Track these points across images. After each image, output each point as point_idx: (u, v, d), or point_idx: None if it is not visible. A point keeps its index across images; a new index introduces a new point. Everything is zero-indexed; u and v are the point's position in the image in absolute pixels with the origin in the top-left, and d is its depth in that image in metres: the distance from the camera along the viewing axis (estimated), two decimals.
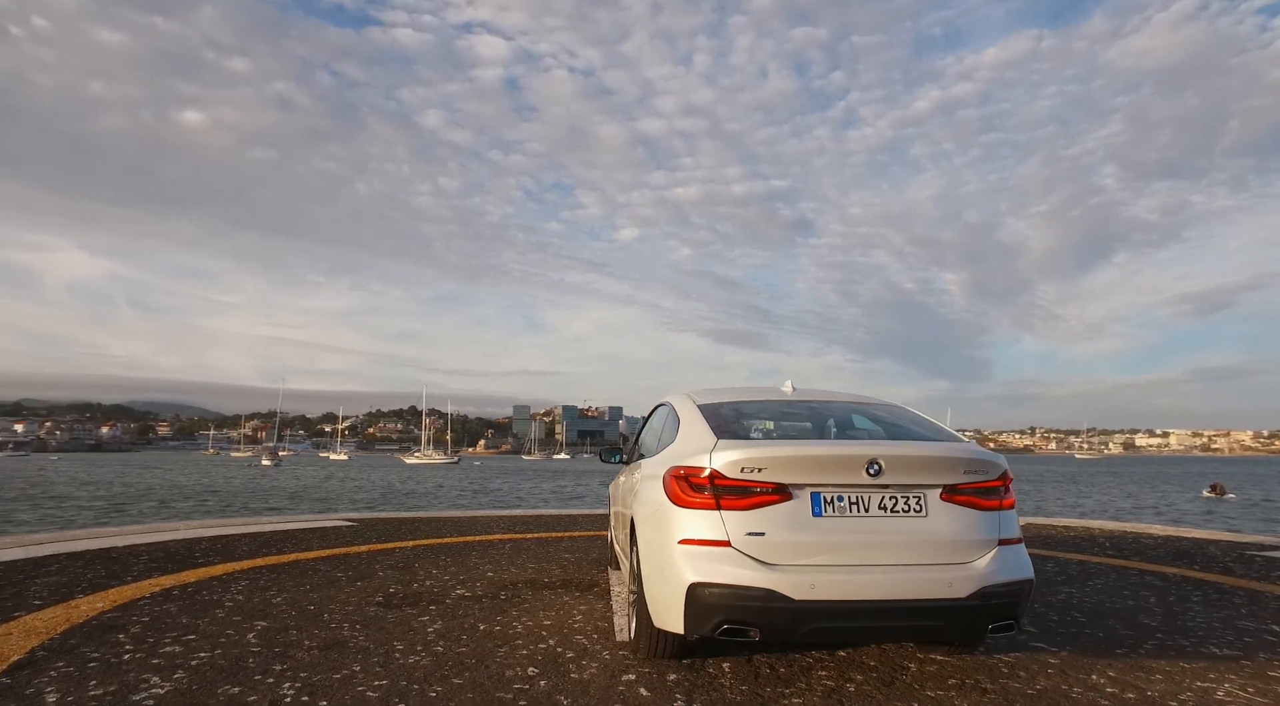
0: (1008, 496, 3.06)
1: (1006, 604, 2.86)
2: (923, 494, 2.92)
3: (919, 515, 2.89)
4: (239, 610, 4.20)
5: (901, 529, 2.86)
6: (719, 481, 2.87)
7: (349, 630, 3.78)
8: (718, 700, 2.79)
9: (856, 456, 2.88)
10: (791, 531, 2.81)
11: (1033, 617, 4.27)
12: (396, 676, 3.04)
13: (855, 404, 3.80)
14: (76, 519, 23.60)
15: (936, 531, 2.87)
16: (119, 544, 6.80)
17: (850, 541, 2.82)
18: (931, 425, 3.45)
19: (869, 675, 3.13)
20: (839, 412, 3.73)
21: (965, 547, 2.88)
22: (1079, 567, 6.23)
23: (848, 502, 2.87)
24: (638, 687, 2.92)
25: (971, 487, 2.96)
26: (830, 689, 2.94)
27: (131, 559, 5.98)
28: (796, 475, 2.87)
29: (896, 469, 2.89)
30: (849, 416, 3.67)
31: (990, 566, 2.87)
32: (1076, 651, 3.57)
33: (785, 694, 2.88)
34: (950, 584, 2.79)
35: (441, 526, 8.78)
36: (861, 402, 3.83)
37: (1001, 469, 3.04)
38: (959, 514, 2.92)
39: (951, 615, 2.81)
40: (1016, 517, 3.10)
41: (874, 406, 3.74)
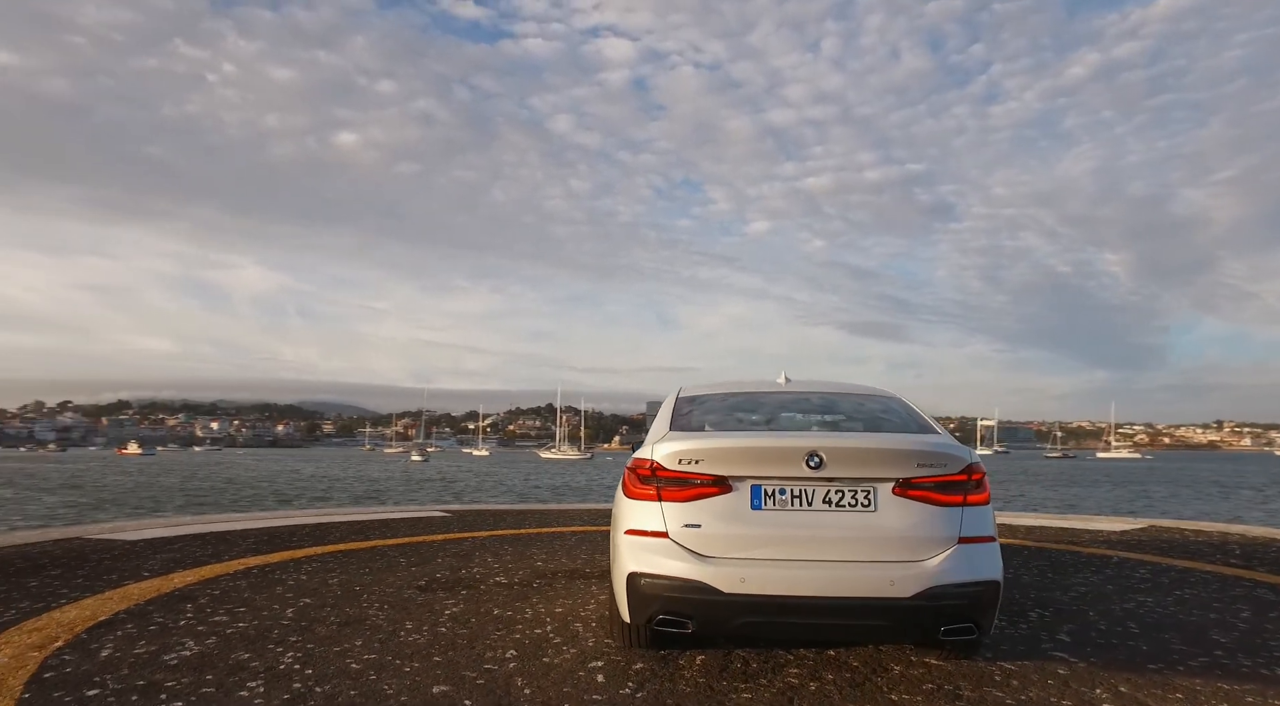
0: (975, 492, 2.86)
1: (961, 606, 2.69)
2: (872, 488, 2.80)
3: (867, 510, 2.77)
4: (296, 588, 4.66)
5: (847, 524, 2.76)
6: (660, 473, 2.89)
7: (375, 609, 4.11)
8: (667, 690, 2.82)
9: (795, 448, 2.81)
10: (728, 524, 2.79)
11: (1080, 625, 3.93)
12: (387, 652, 3.29)
13: (843, 395, 3.67)
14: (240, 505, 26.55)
15: (886, 527, 2.75)
16: (237, 528, 7.66)
17: (790, 535, 2.76)
18: (916, 418, 3.27)
19: (842, 675, 3.04)
20: (820, 404, 3.61)
21: (917, 545, 2.74)
22: (1178, 575, 5.62)
23: (790, 496, 2.81)
24: (597, 674, 3.00)
25: (927, 482, 2.80)
26: (791, 687, 2.89)
27: (239, 541, 6.73)
28: (736, 467, 2.84)
29: (839, 461, 2.79)
30: (828, 408, 3.55)
31: (943, 565, 2.71)
32: (1100, 663, 3.28)
33: (740, 689, 2.86)
34: (893, 582, 2.66)
35: (526, 518, 9.17)
36: (850, 394, 3.68)
37: (965, 463, 2.85)
38: (912, 509, 2.77)
39: (893, 615, 2.68)
40: (989, 515, 2.89)
41: (863, 397, 3.59)
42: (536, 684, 2.88)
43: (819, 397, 3.68)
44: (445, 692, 2.79)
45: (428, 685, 2.86)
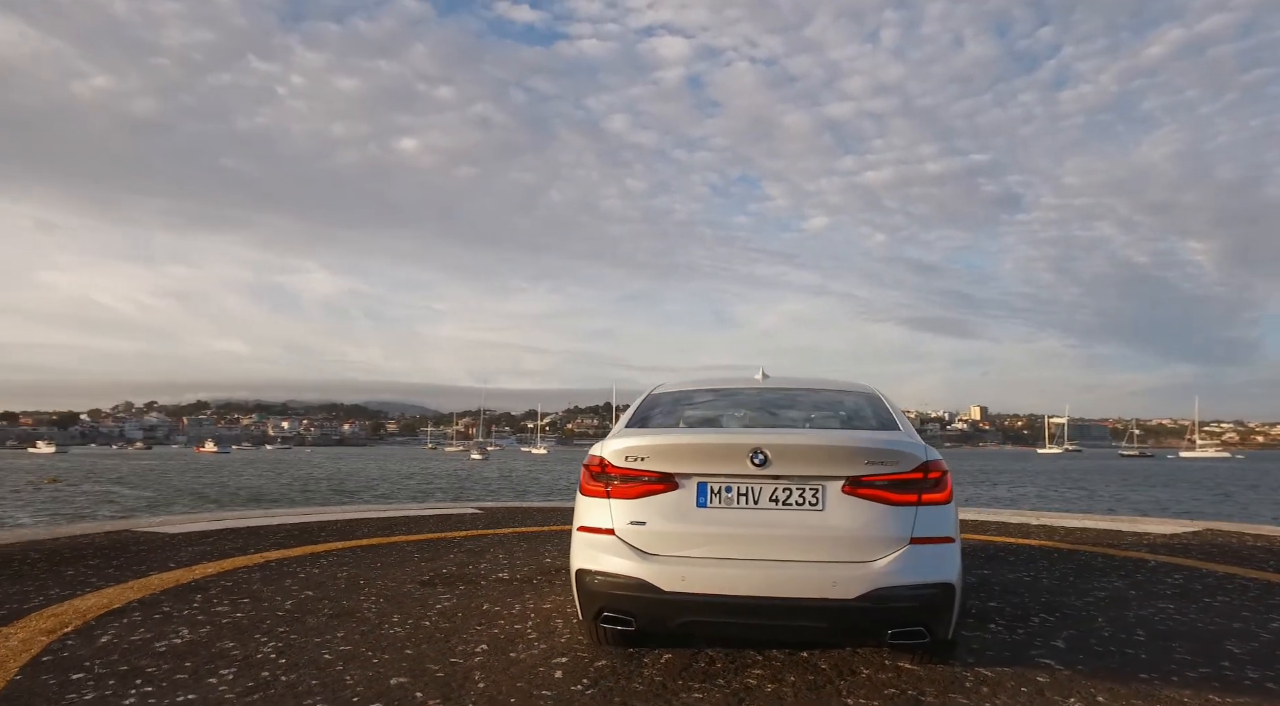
0: (932, 491, 2.75)
1: (909, 609, 2.59)
2: (821, 486, 2.72)
3: (814, 508, 2.70)
4: (304, 581, 4.82)
5: (794, 522, 2.69)
6: (609, 470, 2.89)
7: (369, 603, 4.22)
8: (620, 688, 2.82)
9: (739, 445, 2.75)
10: (672, 521, 2.77)
11: (1082, 631, 3.76)
12: (364, 644, 3.38)
13: (814, 391, 3.59)
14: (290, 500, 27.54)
15: (833, 526, 2.67)
16: (273, 523, 7.96)
17: (734, 534, 2.71)
18: (883, 414, 3.16)
19: (805, 677, 2.98)
20: (785, 400, 3.54)
21: (866, 545, 2.65)
22: (1215, 581, 5.30)
23: (736, 494, 2.76)
24: (556, 670, 3.02)
25: (878, 480, 2.70)
26: (747, 688, 2.85)
27: (270, 535, 7.00)
28: (682, 464, 2.81)
29: (785, 459, 2.73)
30: (793, 404, 3.47)
31: (892, 566, 2.61)
32: (1087, 672, 3.13)
33: (693, 688, 2.84)
34: (835, 583, 2.58)
35: (552, 516, 9.26)
36: (822, 390, 3.60)
37: (918, 460, 2.74)
38: (862, 508, 2.68)
39: (836, 617, 2.60)
40: (948, 514, 2.77)
41: (835, 393, 3.50)
42: (493, 678, 2.92)
43: (787, 394, 3.60)
44: (401, 684, 2.85)
45: (388, 676, 2.93)
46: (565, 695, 2.74)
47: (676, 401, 3.52)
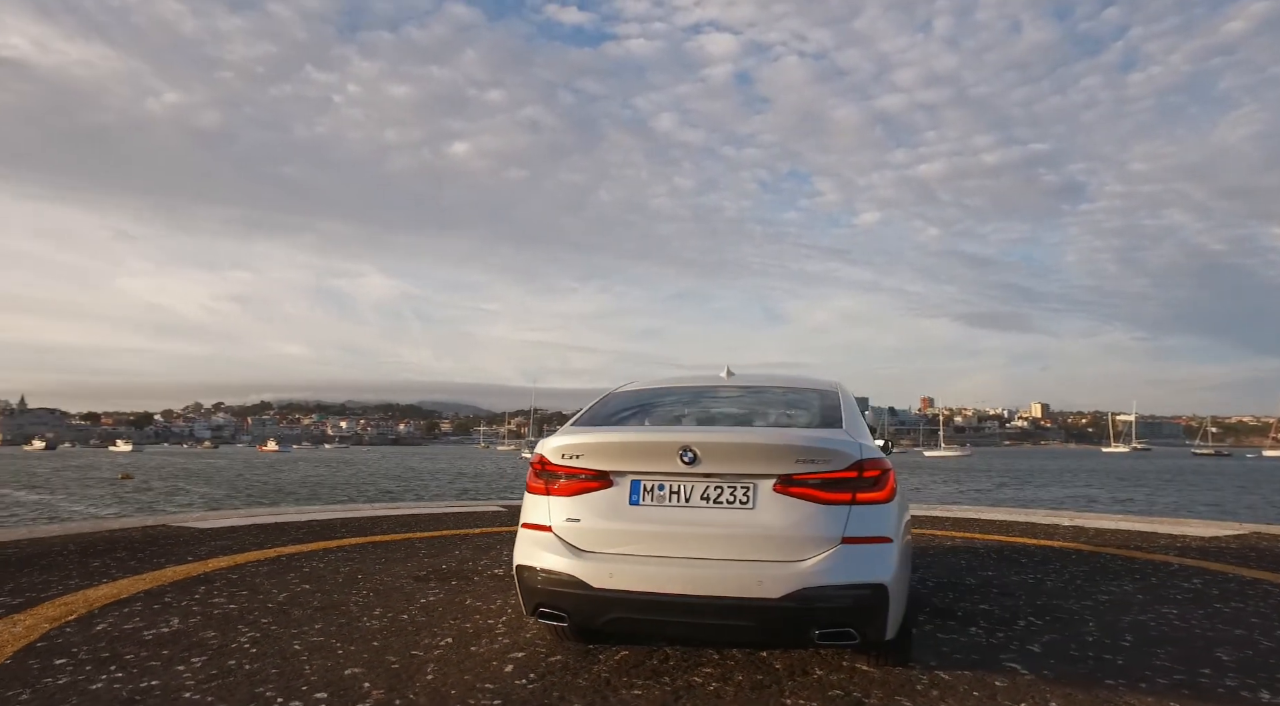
0: (869, 490, 2.69)
1: (835, 610, 2.54)
2: (752, 484, 2.69)
3: (745, 507, 2.68)
4: (305, 575, 4.99)
5: (724, 521, 2.67)
6: (548, 467, 2.92)
7: (358, 596, 4.36)
8: (563, 684, 2.86)
9: (668, 443, 2.74)
10: (605, 519, 2.78)
11: (1066, 636, 3.64)
12: (337, 635, 3.50)
13: (770, 388, 3.55)
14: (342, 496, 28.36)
15: (763, 525, 2.64)
16: (300, 519, 8.25)
17: (665, 532, 2.71)
18: (831, 412, 3.10)
19: (753, 677, 2.96)
20: (737, 398, 3.51)
21: (796, 544, 2.61)
22: (1237, 587, 5.05)
23: (668, 491, 2.76)
24: (509, 665, 3.07)
25: (809, 479, 2.66)
26: (690, 686, 2.85)
27: (292, 531, 7.26)
28: (614, 462, 2.82)
29: (714, 457, 2.71)
30: (743, 401, 3.45)
31: (821, 566, 2.57)
32: (1053, 676, 3.03)
33: (636, 685, 2.85)
34: (760, 582, 2.55)
35: None
36: (778, 387, 3.55)
37: (852, 459, 2.68)
38: (792, 507, 2.65)
39: (761, 616, 2.57)
40: (886, 514, 2.71)
41: (792, 391, 3.45)
42: (444, 671, 2.99)
43: (745, 392, 3.57)
44: (355, 674, 2.94)
45: (345, 667, 3.03)
46: (507, 688, 2.80)
47: (631, 400, 3.53)
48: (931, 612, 4.15)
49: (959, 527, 8.20)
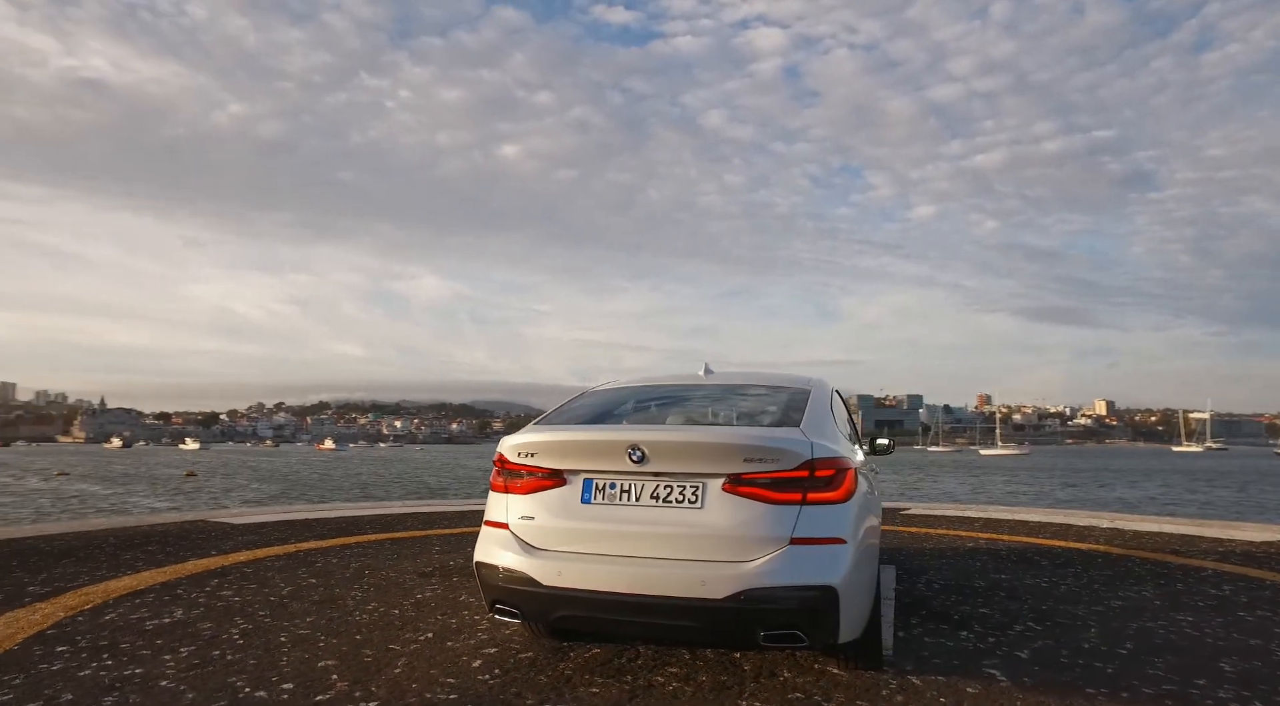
0: (822, 490, 2.63)
1: (781, 612, 2.49)
2: (702, 483, 2.66)
3: (694, 506, 2.65)
4: (316, 570, 5.15)
5: (673, 520, 2.65)
6: (506, 465, 2.95)
7: (358, 591, 4.47)
8: (523, 680, 2.89)
9: (617, 441, 2.73)
10: (558, 517, 2.79)
11: (1060, 642, 3.51)
12: (325, 629, 3.60)
13: (741, 386, 3.50)
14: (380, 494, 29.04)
15: (711, 525, 2.61)
16: (329, 516, 8.49)
17: (615, 530, 2.70)
18: (793, 411, 3.02)
19: (717, 678, 2.94)
20: (706, 396, 3.46)
21: (743, 545, 2.57)
22: (1269, 593, 4.79)
23: (619, 490, 2.75)
24: (478, 660, 3.12)
25: (758, 478, 2.61)
26: (649, 685, 2.85)
27: (319, 527, 7.48)
28: (567, 460, 2.83)
29: (662, 455, 2.69)
30: (711, 399, 3.41)
31: (767, 567, 2.52)
32: (1032, 684, 2.93)
33: (596, 682, 2.87)
34: (704, 583, 2.52)
35: None
36: (750, 385, 3.50)
37: (802, 458, 2.62)
38: (741, 507, 2.60)
39: (704, 617, 2.53)
40: (841, 515, 2.64)
41: (764, 388, 3.39)
42: (414, 665, 3.05)
43: (717, 389, 3.54)
44: (327, 666, 3.03)
45: (321, 660, 3.12)
46: (467, 683, 2.84)
47: (602, 399, 3.53)
48: (927, 615, 4.06)
49: (989, 528, 7.97)
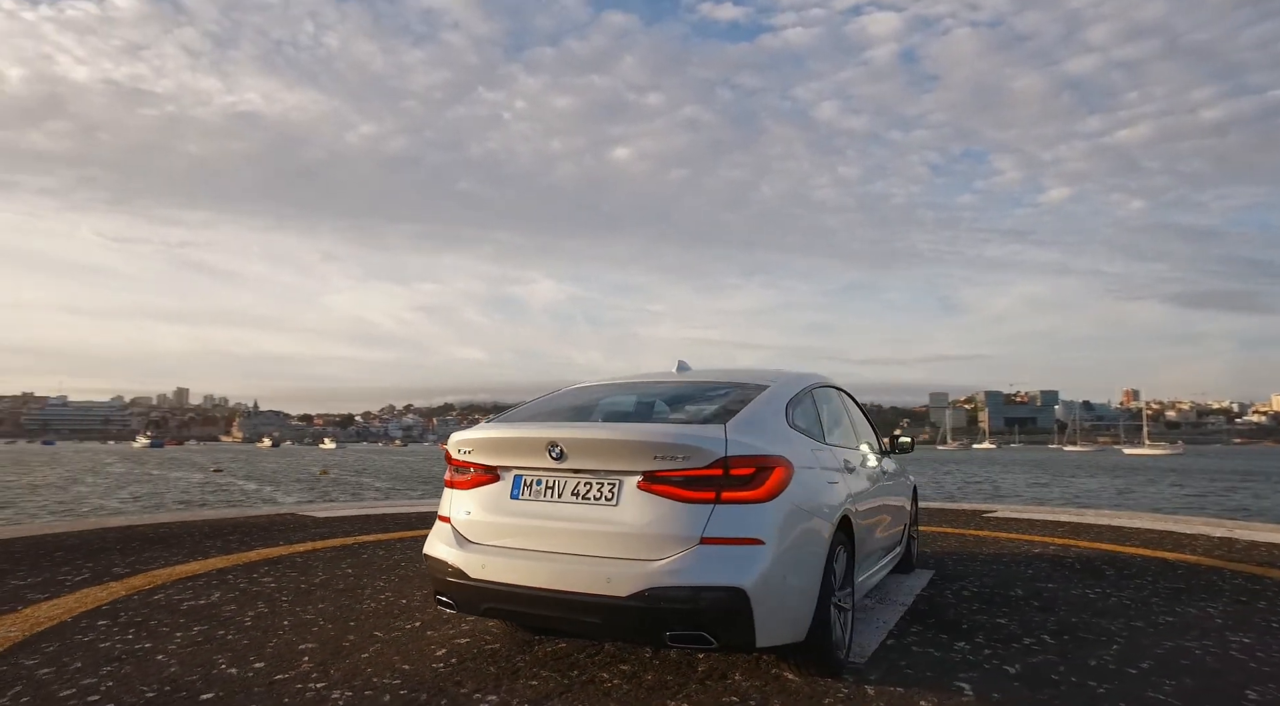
0: (739, 488, 2.56)
1: (684, 612, 2.43)
2: (619, 480, 2.65)
3: (610, 504, 2.65)
4: (361, 562, 5.45)
5: (590, 516, 2.67)
6: (451, 462, 3.05)
7: (381, 582, 4.73)
8: (475, 669, 2.97)
9: (537, 439, 2.77)
10: (490, 512, 2.87)
11: (1069, 658, 3.23)
12: (327, 616, 3.84)
13: (705, 383, 3.43)
14: None
15: (624, 522, 2.60)
16: (406, 511, 9.01)
17: (537, 526, 2.75)
18: (735, 407, 2.94)
19: (663, 677, 2.91)
20: (666, 393, 3.41)
21: (654, 543, 2.54)
22: None
23: (544, 486, 2.80)
24: (441, 648, 3.25)
25: (670, 476, 2.57)
26: (590, 681, 2.86)
27: (389, 522, 7.96)
28: (500, 457, 2.90)
29: (578, 453, 2.71)
30: (667, 396, 3.35)
31: (671, 566, 2.48)
32: (1000, 699, 2.71)
33: (540, 675, 2.91)
34: (609, 580, 2.51)
35: None
36: (713, 382, 3.42)
37: (714, 456, 2.55)
38: (653, 504, 2.58)
39: (608, 614, 2.53)
40: (760, 514, 2.56)
41: (722, 385, 3.31)
42: (384, 651, 3.21)
43: (677, 386, 3.47)
44: (306, 649, 3.23)
45: (305, 642, 3.34)
46: (419, 670, 2.96)
47: (560, 397, 3.57)
48: (935, 624, 3.84)
49: (1072, 534, 7.39)
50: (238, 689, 2.75)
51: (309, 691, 2.73)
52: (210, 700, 2.64)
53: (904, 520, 4.87)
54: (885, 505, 4.17)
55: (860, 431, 4.24)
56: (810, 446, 3.10)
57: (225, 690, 2.74)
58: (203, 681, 2.83)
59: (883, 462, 4.48)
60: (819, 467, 3.06)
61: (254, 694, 2.70)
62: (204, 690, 2.74)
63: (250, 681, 2.83)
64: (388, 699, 2.67)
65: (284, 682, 2.82)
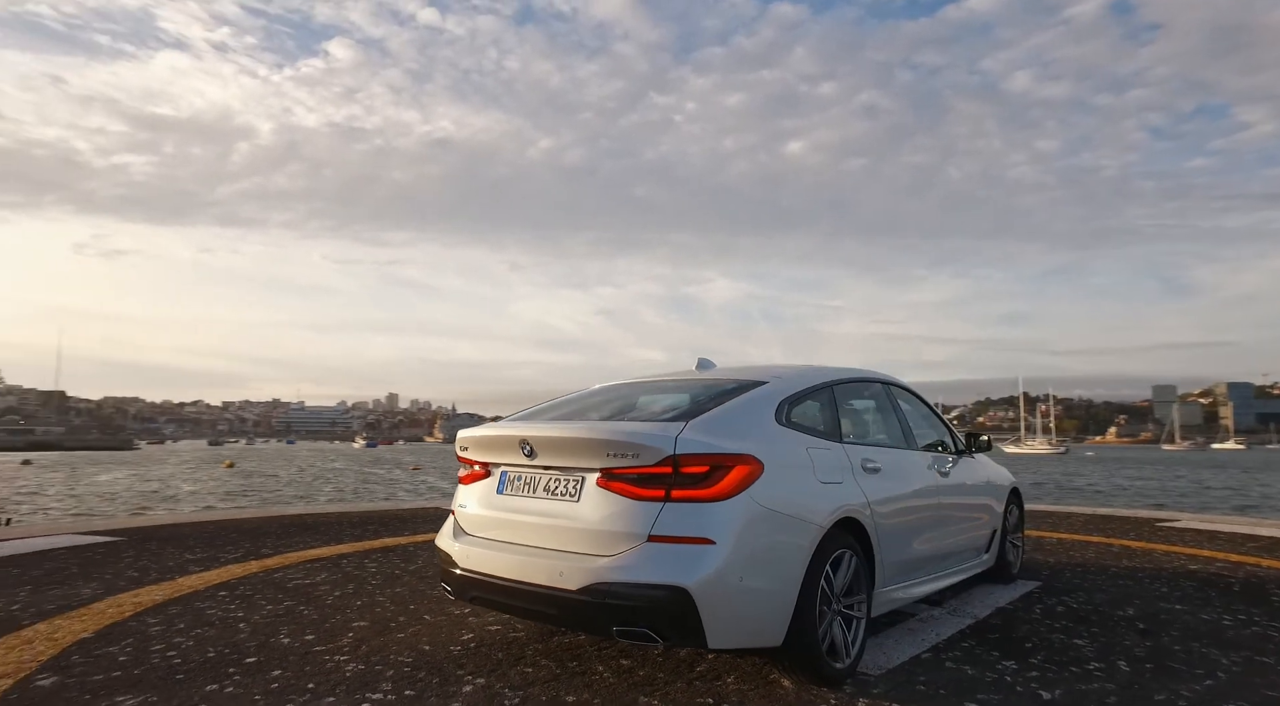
0: (690, 486, 2.52)
1: (628, 608, 2.44)
2: (581, 477, 2.72)
3: (572, 500, 2.72)
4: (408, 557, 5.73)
5: (556, 512, 2.76)
6: (457, 458, 3.25)
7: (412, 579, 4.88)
8: (483, 653, 3.15)
9: (510, 437, 2.90)
10: (481, 506, 3.04)
11: (1127, 687, 2.82)
12: (398, 598, 4.21)
13: (704, 381, 3.36)
14: None
15: (584, 518, 2.66)
16: None
17: (514, 520, 2.88)
18: (710, 405, 2.90)
19: (655, 673, 2.91)
20: (669, 390, 3.35)
21: (606, 539, 2.58)
22: None
23: (523, 482, 2.92)
24: (469, 633, 3.46)
25: (626, 473, 2.60)
26: (582, 671, 2.92)
27: None
28: (488, 454, 3.05)
29: (544, 450, 2.81)
30: (665, 394, 3.29)
31: (620, 563, 2.49)
32: None
33: (543, 663, 3.02)
34: (562, 574, 2.58)
35: None
36: (712, 379, 3.35)
37: (663, 454, 2.52)
38: (608, 501, 2.62)
39: (561, 606, 2.61)
40: (711, 513, 2.50)
41: (716, 383, 3.26)
42: (420, 632, 3.48)
43: (677, 385, 3.41)
44: (359, 627, 3.58)
45: (359, 621, 3.70)
46: (435, 652, 3.18)
47: (575, 396, 3.62)
48: (997, 639, 3.50)
49: (1268, 551, 6.23)
50: (278, 655, 3.14)
51: (330, 663, 3.05)
52: (251, 664, 3.04)
53: (986, 526, 4.44)
54: (941, 508, 3.83)
55: (911, 430, 3.93)
56: (806, 445, 2.98)
57: (268, 656, 3.13)
58: (256, 648, 3.25)
59: (954, 462, 4.15)
60: (813, 467, 2.92)
61: (288, 661, 3.07)
62: (251, 655, 3.15)
63: (292, 650, 3.22)
64: (390, 673, 2.92)
65: (317, 653, 3.17)
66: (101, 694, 2.71)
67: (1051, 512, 9.11)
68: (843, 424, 3.35)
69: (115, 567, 5.11)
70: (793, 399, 3.11)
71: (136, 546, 5.99)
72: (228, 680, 2.84)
